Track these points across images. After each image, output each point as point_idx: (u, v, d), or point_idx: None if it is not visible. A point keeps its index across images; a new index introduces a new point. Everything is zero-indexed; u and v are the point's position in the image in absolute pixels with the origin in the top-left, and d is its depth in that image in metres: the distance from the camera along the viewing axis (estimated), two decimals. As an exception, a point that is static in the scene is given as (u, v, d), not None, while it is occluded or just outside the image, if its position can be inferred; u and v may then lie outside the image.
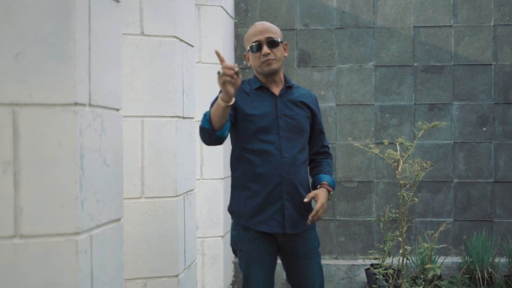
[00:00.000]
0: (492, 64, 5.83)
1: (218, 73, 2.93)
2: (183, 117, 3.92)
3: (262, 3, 5.95)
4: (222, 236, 5.40)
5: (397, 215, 4.86)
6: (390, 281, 3.76)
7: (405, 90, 5.86)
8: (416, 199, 3.97)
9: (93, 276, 2.49)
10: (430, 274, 2.67)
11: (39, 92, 2.29)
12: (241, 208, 3.31)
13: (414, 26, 5.86)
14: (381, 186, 5.87)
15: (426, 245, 2.95)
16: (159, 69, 3.75)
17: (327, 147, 3.53)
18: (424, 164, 4.07)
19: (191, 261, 4.13)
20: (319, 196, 3.22)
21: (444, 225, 3.20)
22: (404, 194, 3.84)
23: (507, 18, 5.81)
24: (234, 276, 5.89)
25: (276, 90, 3.36)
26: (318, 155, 3.51)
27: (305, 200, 3.21)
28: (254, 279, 3.28)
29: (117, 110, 2.76)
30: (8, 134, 2.27)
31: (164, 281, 3.80)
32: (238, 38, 5.96)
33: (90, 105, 2.45)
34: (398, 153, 3.34)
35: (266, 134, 3.25)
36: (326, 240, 5.91)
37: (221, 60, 2.96)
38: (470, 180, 5.85)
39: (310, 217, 3.19)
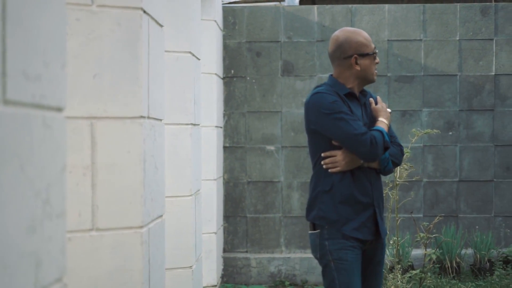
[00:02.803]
0: (457, 74, 6.43)
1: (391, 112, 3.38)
2: (194, 124, 4.36)
3: (248, 16, 6.41)
4: (215, 233, 5.84)
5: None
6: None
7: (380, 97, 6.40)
8: (400, 197, 4.48)
9: (150, 263, 2.92)
10: (426, 259, 3.17)
11: (113, 107, 2.71)
12: (333, 214, 3.12)
13: (388, 40, 6.41)
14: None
15: (422, 234, 3.46)
16: (176, 82, 4.17)
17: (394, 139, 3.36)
18: (405, 165, 4.59)
19: (199, 254, 4.57)
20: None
21: (437, 218, 3.72)
22: (389, 193, 4.34)
23: (471, 33, 6.42)
24: (224, 270, 6.34)
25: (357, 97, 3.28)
26: None
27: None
28: None
29: (161, 120, 3.20)
30: (87, 142, 2.68)
31: (180, 272, 4.22)
32: (227, 49, 6.41)
33: (148, 117, 2.88)
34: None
35: None
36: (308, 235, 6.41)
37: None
38: (438, 180, 6.43)
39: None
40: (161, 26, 3.17)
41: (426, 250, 3.29)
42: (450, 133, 6.42)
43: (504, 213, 6.41)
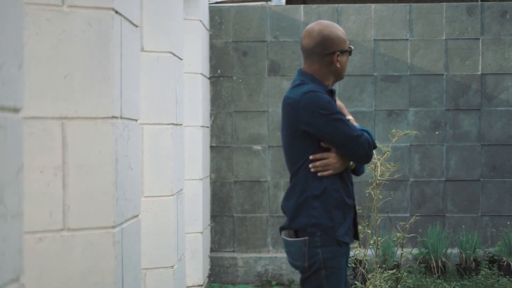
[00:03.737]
0: (443, 74, 6.43)
1: None
2: (176, 124, 4.36)
3: (235, 16, 6.42)
4: (201, 232, 5.84)
5: (360, 211, 5.39)
6: (359, 269, 4.27)
7: (366, 97, 6.41)
8: (381, 197, 4.49)
9: (123, 263, 2.92)
10: (403, 259, 3.18)
11: (84, 108, 2.71)
12: (327, 221, 2.94)
13: (374, 39, 6.41)
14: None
15: (398, 234, 3.47)
16: (157, 82, 4.17)
17: None
18: (388, 165, 4.60)
19: (182, 253, 4.57)
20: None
21: (414, 217, 3.72)
22: (372, 192, 4.34)
23: (457, 33, 6.43)
24: (210, 269, 6.34)
25: None
26: None
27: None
28: None
29: (136, 120, 3.20)
30: (58, 143, 2.68)
31: (161, 272, 4.22)
32: (213, 49, 6.41)
33: (121, 117, 2.88)
34: (375, 156, 3.84)
35: None
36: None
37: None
38: (425, 179, 6.44)
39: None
40: (136, 26, 3.17)
41: (402, 250, 3.31)
42: (437, 132, 6.43)
43: (491, 212, 6.42)
